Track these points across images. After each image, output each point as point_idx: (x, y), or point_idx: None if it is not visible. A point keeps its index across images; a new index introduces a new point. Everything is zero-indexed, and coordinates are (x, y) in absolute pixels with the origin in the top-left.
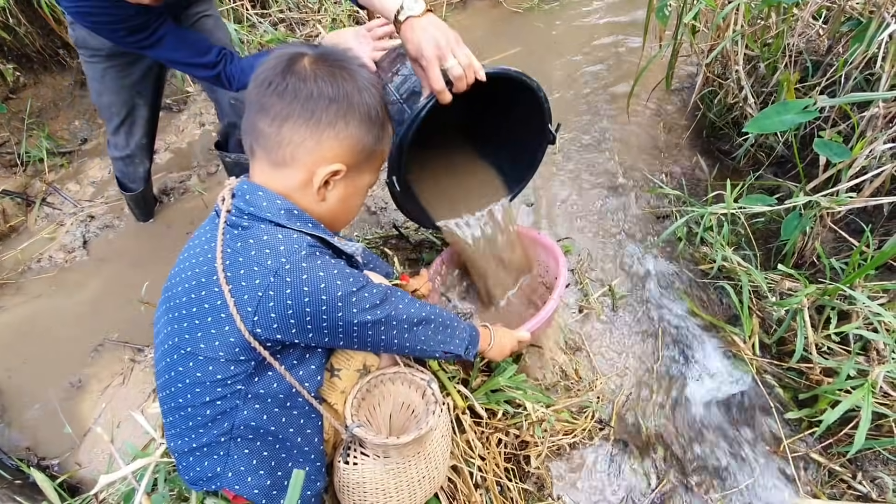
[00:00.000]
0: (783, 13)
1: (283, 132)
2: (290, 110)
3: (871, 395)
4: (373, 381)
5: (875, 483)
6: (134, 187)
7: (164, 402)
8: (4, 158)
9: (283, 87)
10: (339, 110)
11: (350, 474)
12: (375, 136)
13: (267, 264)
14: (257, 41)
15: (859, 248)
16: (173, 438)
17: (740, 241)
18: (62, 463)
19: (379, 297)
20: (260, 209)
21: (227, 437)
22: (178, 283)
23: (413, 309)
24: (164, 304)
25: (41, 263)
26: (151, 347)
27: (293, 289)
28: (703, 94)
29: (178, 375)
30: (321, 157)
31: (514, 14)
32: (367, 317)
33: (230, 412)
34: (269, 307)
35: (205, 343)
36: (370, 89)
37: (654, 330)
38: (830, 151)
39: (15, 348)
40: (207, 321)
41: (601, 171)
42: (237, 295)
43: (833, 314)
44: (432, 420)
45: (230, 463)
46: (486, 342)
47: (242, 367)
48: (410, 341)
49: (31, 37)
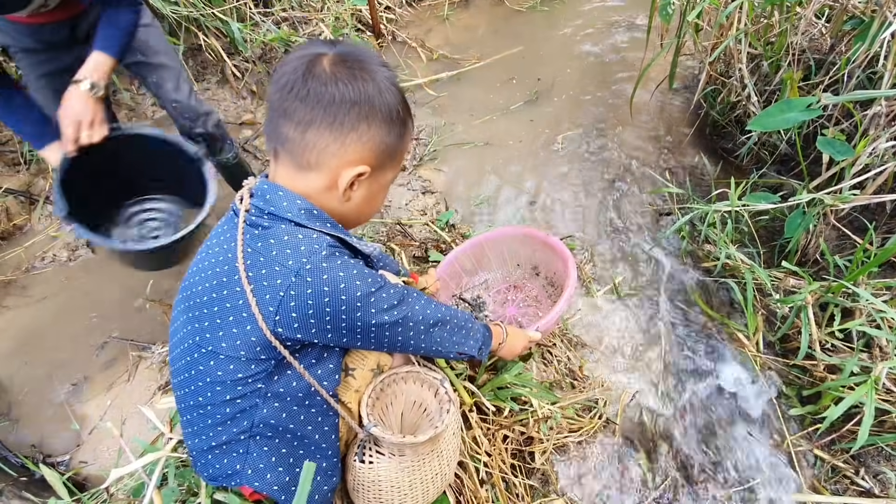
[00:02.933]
0: (786, 12)
1: (308, 137)
2: (312, 115)
3: (874, 392)
4: (386, 380)
5: (878, 479)
6: None
7: (182, 399)
8: (7, 157)
9: (304, 91)
10: (362, 113)
11: (366, 473)
12: (398, 135)
13: (288, 264)
14: (260, 40)
15: (863, 246)
16: (191, 436)
17: (744, 238)
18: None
19: (396, 297)
20: (280, 209)
21: (247, 434)
22: (198, 282)
23: (429, 310)
24: (183, 303)
25: (45, 262)
26: (157, 345)
27: (314, 288)
28: (706, 93)
29: (199, 374)
30: (346, 160)
31: (517, 13)
32: (384, 317)
33: (249, 410)
34: (291, 307)
35: (226, 342)
36: (391, 89)
37: (658, 327)
38: (834, 149)
39: (20, 346)
40: (229, 320)
41: (604, 168)
42: (259, 294)
43: (837, 311)
44: (447, 419)
45: (249, 460)
46: (499, 341)
47: (263, 367)
48: (426, 342)
49: None
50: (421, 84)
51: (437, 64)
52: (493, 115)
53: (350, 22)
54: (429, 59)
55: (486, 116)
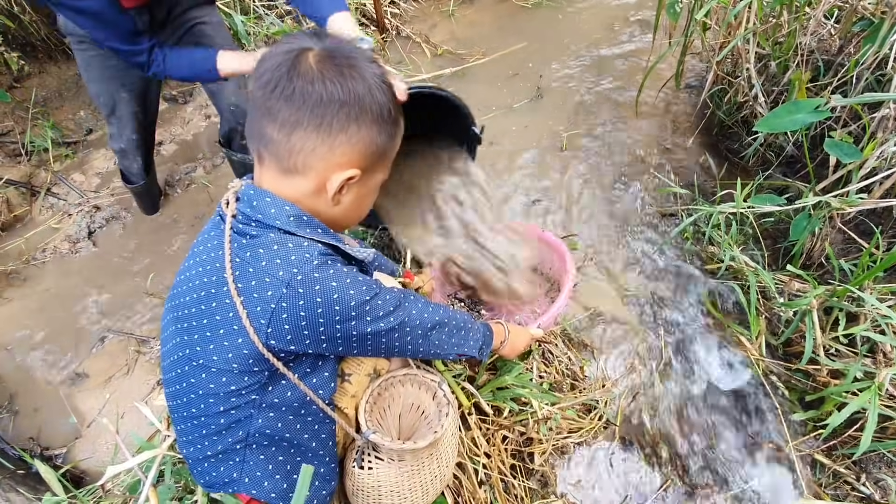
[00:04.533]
0: (795, 12)
1: (294, 140)
2: (298, 116)
3: (877, 398)
4: (383, 383)
5: (878, 485)
6: (134, 180)
7: (176, 410)
8: (9, 148)
9: (289, 90)
10: (351, 113)
11: (365, 479)
12: (388, 135)
13: (279, 275)
14: (263, 33)
15: (868, 250)
16: (186, 445)
17: (748, 240)
18: (64, 453)
19: (392, 303)
20: (268, 216)
21: (243, 444)
22: (186, 291)
23: (426, 314)
24: (172, 312)
25: (46, 253)
26: (156, 339)
27: (306, 300)
28: (712, 93)
29: (191, 387)
30: (334, 164)
31: (522, 9)
32: (380, 325)
33: (244, 421)
34: (283, 319)
35: (217, 355)
36: (381, 87)
37: (660, 328)
38: (841, 152)
39: (19, 338)
40: (220, 333)
41: (608, 167)
42: (249, 307)
43: (841, 315)
44: (446, 422)
45: (246, 469)
46: (500, 339)
47: (256, 378)
48: (424, 346)
49: (35, 25)
50: (424, 80)
51: (441, 59)
52: (496, 112)
53: (354, 16)
54: (433, 54)
55: (489, 114)
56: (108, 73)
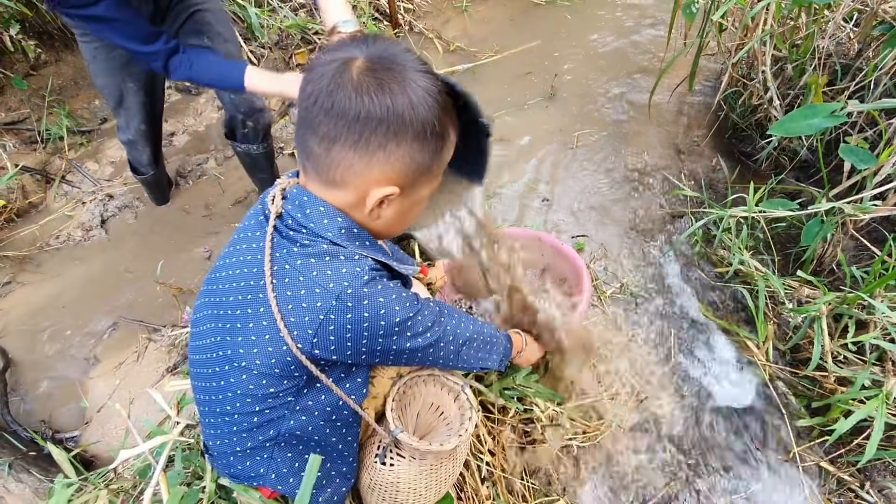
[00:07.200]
0: (814, 14)
1: (332, 154)
2: (337, 132)
3: (885, 407)
4: (408, 382)
5: (882, 493)
6: (143, 171)
7: (207, 404)
8: (24, 135)
9: (328, 104)
10: (390, 130)
11: (385, 475)
12: (432, 152)
13: (329, 287)
14: (277, 26)
15: (881, 258)
16: (213, 438)
17: (758, 245)
18: (76, 437)
19: (431, 318)
20: (320, 226)
21: (273, 442)
22: (228, 289)
23: (460, 329)
24: (210, 308)
25: (59, 240)
26: (167, 327)
27: (354, 314)
28: (726, 95)
29: (229, 385)
30: (372, 180)
31: (536, 6)
32: (418, 341)
33: (277, 420)
34: (330, 330)
35: (261, 359)
36: (426, 100)
37: (668, 331)
38: (856, 158)
39: (32, 323)
40: (265, 339)
41: (619, 168)
42: (297, 315)
43: (851, 323)
44: (469, 426)
45: (273, 465)
46: (518, 349)
47: (294, 382)
48: (454, 361)
49: (52, 14)
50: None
51: (454, 56)
52: (508, 109)
53: (367, 11)
54: (445, 50)
55: (501, 111)
56: (114, 63)
